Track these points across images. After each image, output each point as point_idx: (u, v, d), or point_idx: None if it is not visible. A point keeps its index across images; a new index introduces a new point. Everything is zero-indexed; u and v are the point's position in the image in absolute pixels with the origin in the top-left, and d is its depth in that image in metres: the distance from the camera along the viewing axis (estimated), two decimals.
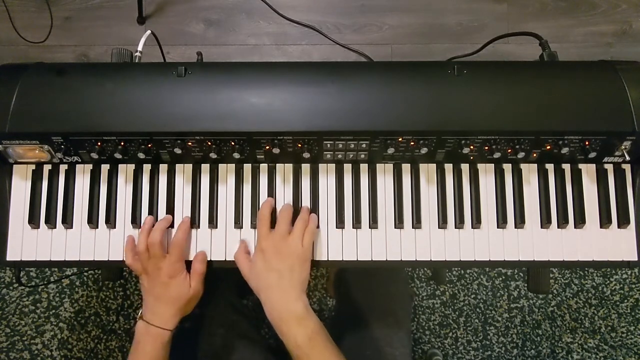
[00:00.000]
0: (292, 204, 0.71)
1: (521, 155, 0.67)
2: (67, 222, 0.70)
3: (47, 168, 0.72)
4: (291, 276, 0.66)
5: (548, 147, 0.68)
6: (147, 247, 0.68)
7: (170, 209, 0.71)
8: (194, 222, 0.71)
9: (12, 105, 0.64)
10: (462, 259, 0.71)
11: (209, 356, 0.80)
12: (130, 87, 0.66)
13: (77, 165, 0.72)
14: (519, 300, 1.41)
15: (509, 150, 0.68)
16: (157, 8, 1.39)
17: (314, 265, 0.70)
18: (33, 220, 0.70)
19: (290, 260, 0.66)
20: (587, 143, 0.67)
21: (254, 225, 0.71)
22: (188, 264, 0.70)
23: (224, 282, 0.90)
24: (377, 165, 0.72)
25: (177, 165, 0.72)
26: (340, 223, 0.71)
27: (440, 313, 1.41)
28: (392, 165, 0.72)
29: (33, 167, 0.72)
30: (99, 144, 0.67)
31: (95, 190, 0.71)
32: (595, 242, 0.71)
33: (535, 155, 0.70)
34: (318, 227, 0.71)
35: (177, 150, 0.66)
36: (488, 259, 0.71)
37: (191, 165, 0.72)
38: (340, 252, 0.71)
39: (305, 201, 0.72)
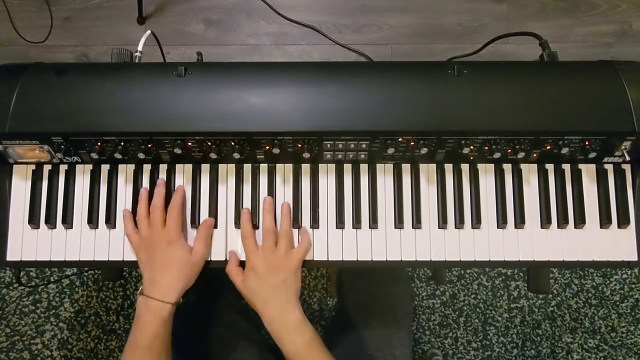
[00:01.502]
0: (292, 204, 0.71)
1: (521, 155, 0.67)
2: (67, 222, 0.70)
3: (47, 168, 0.72)
4: (285, 288, 0.67)
5: (548, 147, 0.68)
6: (148, 213, 0.68)
7: None
8: (194, 222, 0.71)
9: (12, 105, 0.64)
10: (462, 259, 0.71)
11: (209, 356, 0.80)
12: (130, 87, 0.66)
13: (77, 165, 0.72)
14: (519, 300, 1.41)
15: (509, 150, 0.68)
16: (157, 8, 1.39)
17: (314, 265, 0.70)
18: (33, 220, 0.70)
19: (282, 274, 0.67)
20: (587, 143, 0.67)
21: (253, 226, 0.71)
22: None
23: (224, 282, 0.90)
24: (377, 165, 0.72)
25: (177, 165, 0.72)
26: (340, 223, 0.71)
27: (440, 313, 1.41)
28: (392, 165, 0.72)
29: (33, 167, 0.72)
30: (99, 144, 0.67)
31: (95, 190, 0.71)
32: (595, 242, 0.71)
33: (535, 155, 0.70)
34: (318, 227, 0.71)
35: (177, 151, 0.66)
36: (488, 259, 0.71)
37: (191, 165, 0.72)
38: (340, 252, 0.71)
39: (305, 201, 0.72)
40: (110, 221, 0.70)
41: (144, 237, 0.68)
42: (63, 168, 0.72)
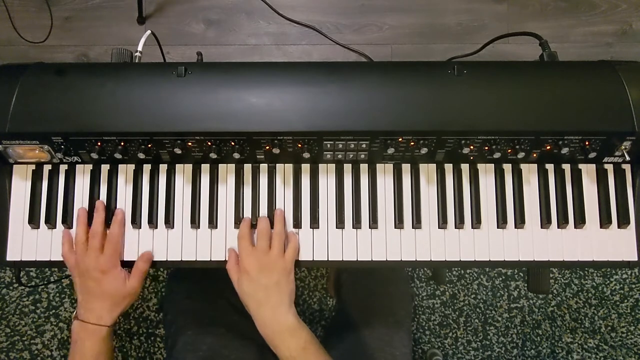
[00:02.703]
0: (292, 204, 0.71)
1: (521, 155, 0.67)
2: (67, 222, 0.70)
3: (47, 168, 0.72)
4: (278, 291, 0.66)
5: (548, 147, 0.68)
6: (87, 236, 0.67)
7: (170, 209, 0.71)
8: (194, 222, 0.71)
9: (12, 105, 0.64)
10: (462, 259, 0.71)
11: (209, 356, 0.80)
12: (130, 87, 0.66)
13: (77, 165, 0.72)
14: (519, 300, 1.41)
15: (509, 150, 0.68)
16: (157, 8, 1.39)
17: (314, 265, 0.70)
18: (33, 220, 0.70)
19: (275, 275, 0.67)
20: (587, 143, 0.67)
21: (253, 225, 0.71)
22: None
23: (224, 282, 0.90)
24: (377, 165, 0.72)
25: (177, 165, 0.72)
26: (340, 223, 0.71)
27: (440, 313, 1.41)
28: (392, 165, 0.72)
29: (33, 167, 0.72)
30: (99, 144, 0.67)
31: (95, 191, 0.71)
32: (595, 242, 0.71)
33: (535, 155, 0.70)
34: (318, 227, 0.71)
35: (177, 150, 0.66)
36: (488, 259, 0.71)
37: (191, 165, 0.72)
38: (340, 252, 0.71)
39: (305, 201, 0.72)
40: (110, 221, 0.70)
41: (79, 261, 0.67)
42: (63, 168, 0.72)
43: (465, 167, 0.72)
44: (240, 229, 0.69)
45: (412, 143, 0.67)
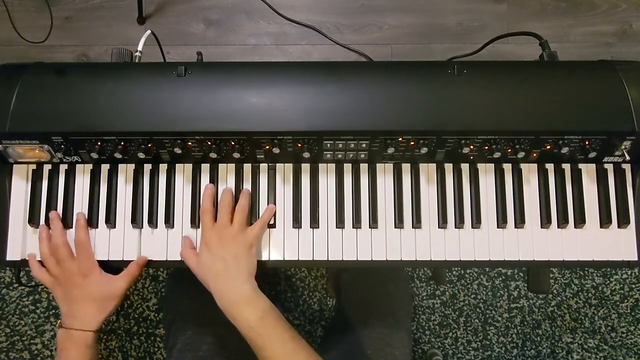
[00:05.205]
0: (292, 204, 0.71)
1: (521, 155, 0.67)
2: (67, 222, 0.70)
3: (47, 168, 0.72)
4: (237, 263, 0.66)
5: (548, 147, 0.68)
6: (52, 252, 0.68)
7: (170, 209, 0.71)
8: (193, 222, 0.71)
9: (12, 105, 0.64)
10: (462, 259, 0.71)
11: (209, 356, 0.80)
12: (130, 87, 0.66)
13: (77, 165, 0.72)
14: (519, 300, 1.41)
15: (509, 150, 0.68)
16: (157, 8, 1.39)
17: (314, 265, 0.70)
18: (33, 220, 0.70)
19: (234, 248, 0.66)
20: (587, 143, 0.67)
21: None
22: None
23: None
24: (377, 165, 0.72)
25: (177, 165, 0.72)
26: (340, 223, 0.71)
27: (440, 313, 1.41)
28: (392, 165, 0.72)
29: (33, 167, 0.72)
30: (99, 143, 0.67)
31: (95, 190, 0.71)
32: (595, 242, 0.71)
33: (535, 155, 0.70)
34: (318, 226, 0.71)
35: (177, 150, 0.66)
36: (488, 259, 0.71)
37: (191, 165, 0.72)
38: (340, 252, 0.71)
39: (305, 201, 0.72)
40: (110, 221, 0.70)
41: (55, 275, 0.68)
42: (63, 168, 0.72)
43: (465, 167, 0.72)
44: (204, 203, 0.69)
45: (412, 143, 0.67)
